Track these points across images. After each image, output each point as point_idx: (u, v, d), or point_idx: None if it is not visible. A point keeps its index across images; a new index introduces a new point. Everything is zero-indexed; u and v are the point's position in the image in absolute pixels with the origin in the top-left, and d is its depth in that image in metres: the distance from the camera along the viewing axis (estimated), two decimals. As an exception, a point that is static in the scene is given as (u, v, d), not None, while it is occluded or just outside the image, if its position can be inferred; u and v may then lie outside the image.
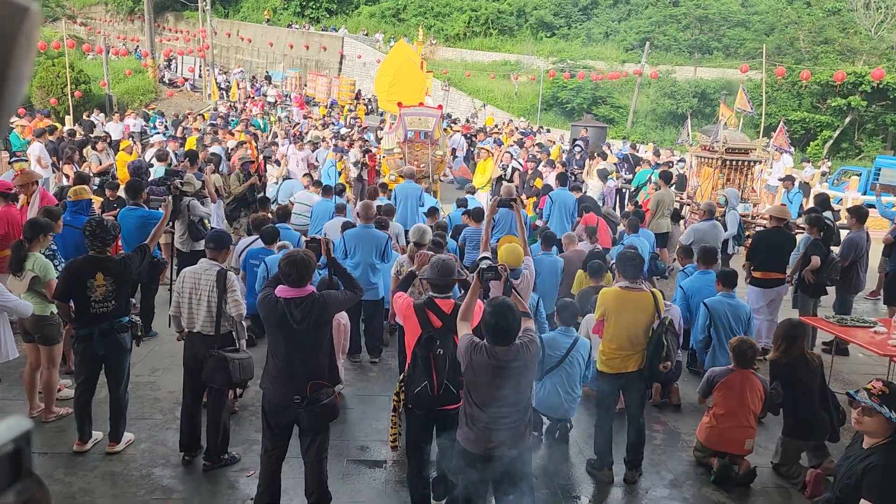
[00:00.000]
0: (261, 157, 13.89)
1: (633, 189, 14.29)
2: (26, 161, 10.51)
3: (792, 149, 18.69)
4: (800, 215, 11.68)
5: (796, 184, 14.02)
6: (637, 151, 20.39)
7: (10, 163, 10.86)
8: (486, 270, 4.19)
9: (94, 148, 12.14)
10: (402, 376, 4.61)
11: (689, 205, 13.31)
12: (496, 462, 3.82)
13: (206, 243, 5.44)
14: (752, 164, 12.82)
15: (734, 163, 12.58)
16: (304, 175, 13.13)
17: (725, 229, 10.27)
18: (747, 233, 11.42)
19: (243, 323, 5.31)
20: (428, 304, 4.44)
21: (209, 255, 5.28)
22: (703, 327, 6.95)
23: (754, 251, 8.25)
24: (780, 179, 14.44)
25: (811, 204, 11.01)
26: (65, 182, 10.68)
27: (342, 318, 6.30)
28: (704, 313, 6.94)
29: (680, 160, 17.98)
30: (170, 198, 6.28)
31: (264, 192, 12.02)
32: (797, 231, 10.07)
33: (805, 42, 33.96)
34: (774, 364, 5.51)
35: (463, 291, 4.93)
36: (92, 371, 5.29)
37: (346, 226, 8.02)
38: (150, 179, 10.25)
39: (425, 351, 4.31)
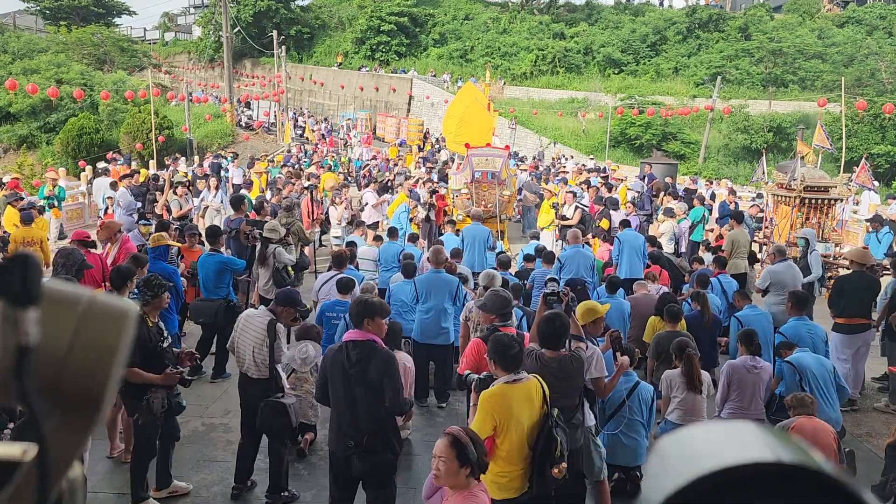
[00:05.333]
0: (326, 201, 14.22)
1: (689, 226, 13.95)
2: (151, 224, 10.79)
3: (876, 184, 17.88)
4: (887, 256, 11.13)
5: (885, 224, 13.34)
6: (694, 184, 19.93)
7: (138, 222, 11.58)
8: (550, 295, 4.69)
9: (174, 193, 12.66)
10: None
11: (766, 245, 12.87)
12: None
13: (277, 295, 5.67)
14: (832, 202, 12.33)
15: (813, 201, 12.13)
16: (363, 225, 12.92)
17: (809, 272, 9.84)
18: (829, 274, 10.93)
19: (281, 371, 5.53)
20: (494, 331, 4.68)
21: (272, 304, 5.50)
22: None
23: (836, 297, 7.88)
24: (867, 220, 13.83)
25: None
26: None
27: (407, 361, 6.29)
28: (781, 342, 6.70)
29: (758, 195, 17.46)
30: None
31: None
32: (884, 273, 9.58)
33: (887, 73, 32.73)
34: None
35: None
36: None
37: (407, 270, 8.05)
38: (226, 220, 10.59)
39: None
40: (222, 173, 17.64)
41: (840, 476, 0.54)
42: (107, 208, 13.78)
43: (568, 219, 13.55)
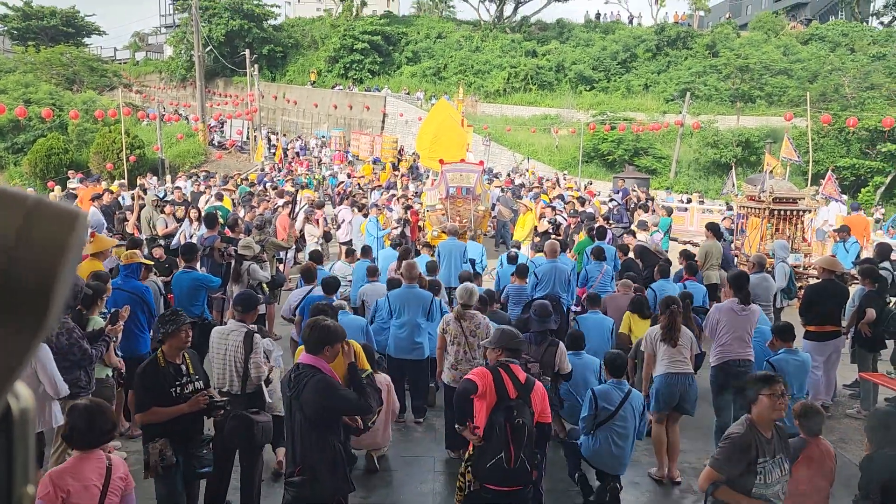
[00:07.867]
0: (300, 214, 14.16)
1: (661, 237, 14.25)
2: (121, 245, 10.45)
3: (843, 196, 18.27)
4: (855, 265, 11.34)
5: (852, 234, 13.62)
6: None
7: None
8: None
9: (161, 211, 12.50)
10: (467, 455, 4.48)
11: (737, 256, 13.04)
12: None
13: (234, 305, 5.57)
14: (801, 213, 12.56)
15: (782, 212, 12.35)
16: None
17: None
18: (799, 284, 11.09)
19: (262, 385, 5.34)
20: (503, 367, 4.34)
21: (237, 316, 5.36)
22: None
23: (807, 305, 7.99)
24: (835, 230, 14.12)
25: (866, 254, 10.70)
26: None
27: (384, 380, 6.19)
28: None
29: (727, 206, 17.73)
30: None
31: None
32: (853, 282, 9.75)
33: (850, 88, 33.53)
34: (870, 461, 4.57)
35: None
36: None
37: (391, 283, 7.89)
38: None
39: (502, 419, 4.14)
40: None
41: None
42: None
43: (555, 235, 13.67)
